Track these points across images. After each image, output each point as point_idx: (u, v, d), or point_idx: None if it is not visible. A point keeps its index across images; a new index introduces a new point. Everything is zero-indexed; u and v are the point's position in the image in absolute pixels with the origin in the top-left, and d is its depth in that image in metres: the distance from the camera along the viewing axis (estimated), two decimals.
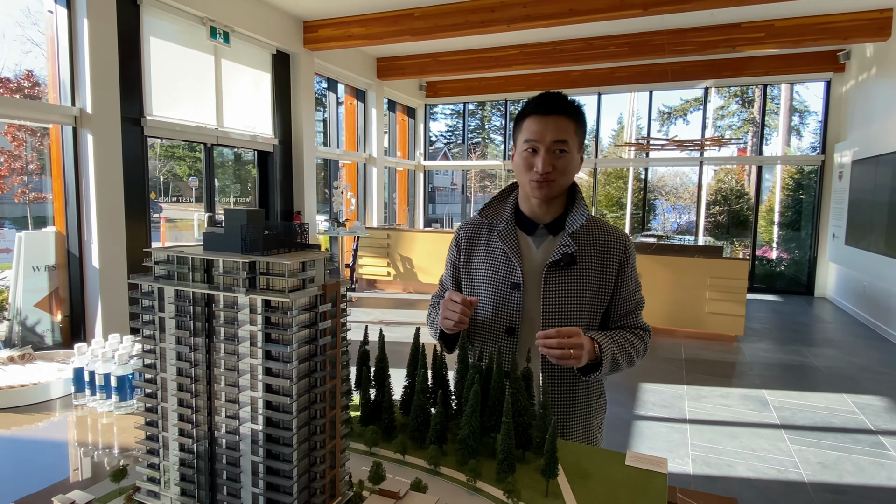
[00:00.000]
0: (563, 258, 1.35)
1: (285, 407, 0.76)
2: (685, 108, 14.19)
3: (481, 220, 1.49)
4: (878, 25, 6.50)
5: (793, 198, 10.66)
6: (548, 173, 1.32)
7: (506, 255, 1.41)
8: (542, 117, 1.32)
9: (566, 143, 1.31)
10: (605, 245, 1.39)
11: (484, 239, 1.47)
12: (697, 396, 4.36)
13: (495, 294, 1.41)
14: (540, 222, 1.43)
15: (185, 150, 8.58)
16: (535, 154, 1.33)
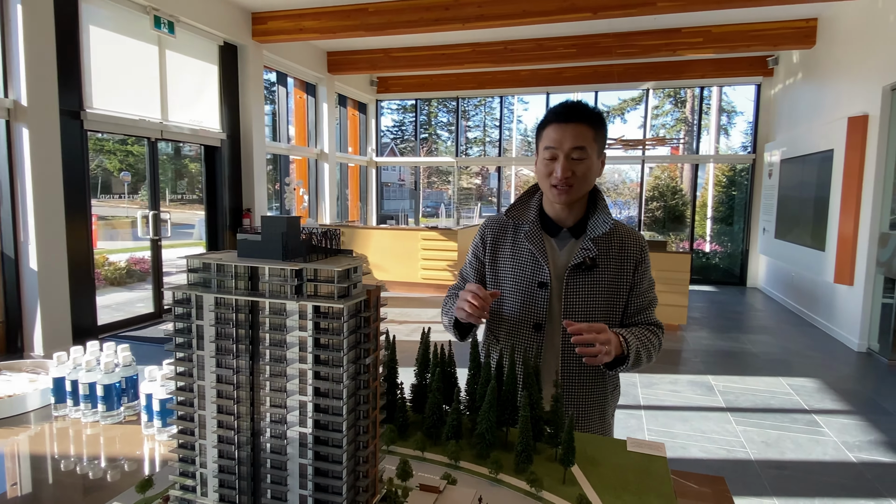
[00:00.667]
0: (584, 262, 1.41)
1: (335, 409, 0.78)
2: (623, 108, 14.80)
3: (507, 220, 1.54)
4: (804, 34, 7.03)
5: (726, 194, 11.35)
6: (567, 178, 1.37)
7: (533, 256, 1.46)
8: (561, 125, 1.37)
9: (584, 149, 1.36)
10: (623, 247, 1.45)
11: (510, 238, 1.52)
12: (649, 384, 4.60)
13: (522, 292, 1.46)
14: (563, 225, 1.48)
15: (116, 144, 8.15)
16: (555, 161, 1.38)
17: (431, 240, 8.12)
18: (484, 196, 19.52)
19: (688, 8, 5.82)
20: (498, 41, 8.14)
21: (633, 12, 5.98)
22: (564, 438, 1.02)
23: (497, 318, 1.52)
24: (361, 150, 10.98)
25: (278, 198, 8.63)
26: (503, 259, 1.51)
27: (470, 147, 17.33)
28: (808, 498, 2.83)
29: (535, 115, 20.78)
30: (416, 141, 12.12)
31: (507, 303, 1.49)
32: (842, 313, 6.00)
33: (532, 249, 1.45)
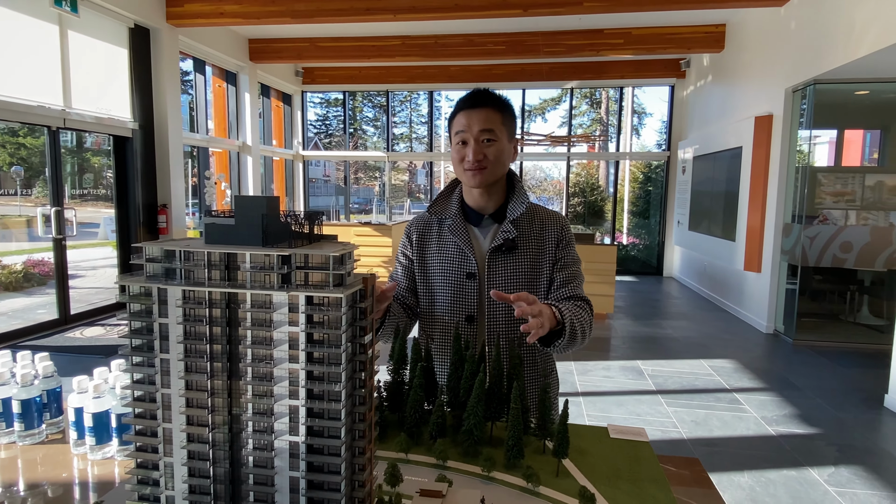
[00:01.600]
0: (504, 244, 1.43)
1: (333, 413, 0.69)
2: (544, 107, 15.27)
3: (430, 216, 1.54)
4: (713, 38, 7.52)
5: (643, 189, 11.99)
6: (479, 161, 1.39)
7: (458, 247, 1.47)
8: (469, 111, 1.40)
9: (493, 132, 1.39)
10: (544, 228, 1.48)
11: (435, 234, 1.53)
12: (584, 371, 4.74)
13: (452, 285, 1.47)
14: (484, 213, 1.50)
15: (6, 136, 7.30)
16: (466, 145, 1.41)
17: (365, 236, 7.95)
18: (413, 192, 19.45)
19: (611, 9, 6.04)
20: (429, 34, 8.08)
21: (560, 11, 6.12)
22: (559, 429, 0.98)
23: (430, 316, 1.52)
24: (287, 144, 10.55)
25: (197, 192, 8.09)
26: (431, 255, 1.52)
27: (396, 143, 17.20)
28: (738, 472, 3.01)
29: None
30: (345, 135, 11.82)
31: (438, 299, 1.49)
32: (751, 298, 6.50)
33: (457, 241, 1.46)
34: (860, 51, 4.45)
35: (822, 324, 6.16)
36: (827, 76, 5.11)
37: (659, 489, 0.98)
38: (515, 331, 1.43)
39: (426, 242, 1.54)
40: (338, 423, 0.69)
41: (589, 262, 6.52)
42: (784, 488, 2.83)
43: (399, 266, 1.59)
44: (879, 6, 4.24)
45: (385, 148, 11.37)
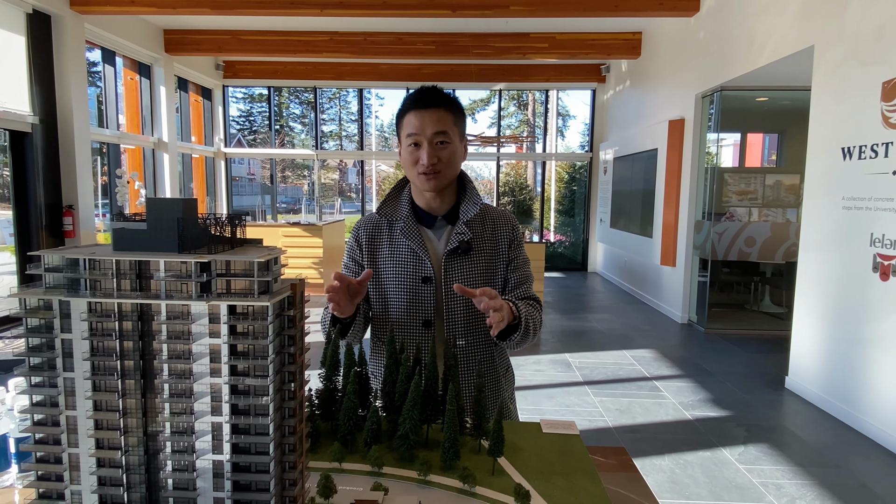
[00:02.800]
0: (459, 246, 1.41)
1: (260, 428, 0.66)
2: (473, 108, 15.51)
3: (380, 218, 1.49)
4: (631, 45, 7.92)
5: (568, 189, 12.45)
6: (434, 164, 1.36)
7: (412, 251, 1.43)
8: (420, 111, 1.36)
9: (447, 133, 1.37)
10: (496, 228, 1.48)
11: (386, 236, 1.48)
12: (517, 365, 4.84)
13: (407, 289, 1.43)
14: (437, 214, 1.47)
15: None
16: (419, 148, 1.37)
17: (294, 236, 7.72)
18: (344, 191, 19.11)
19: (535, 13, 6.22)
20: (358, 31, 7.96)
21: (488, 13, 6.23)
22: (494, 428, 0.99)
23: (383, 320, 1.47)
24: (207, 140, 10.04)
25: (107, 192, 7.53)
26: (382, 259, 1.47)
27: (325, 141, 16.83)
28: (659, 456, 3.19)
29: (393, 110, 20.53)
30: (271, 132, 11.40)
31: (392, 303, 1.44)
32: (667, 291, 6.90)
33: (410, 245, 1.42)
34: (760, 61, 4.83)
35: (730, 313, 6.65)
36: (732, 83, 5.52)
37: (590, 480, 1.01)
38: (473, 333, 1.44)
39: (376, 245, 1.48)
40: (265, 439, 0.66)
41: None
42: (700, 469, 3.03)
43: (346, 271, 1.53)
44: (776, 21, 4.63)
45: (314, 146, 11.09)
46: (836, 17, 3.88)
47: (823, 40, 4.03)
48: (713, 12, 5.75)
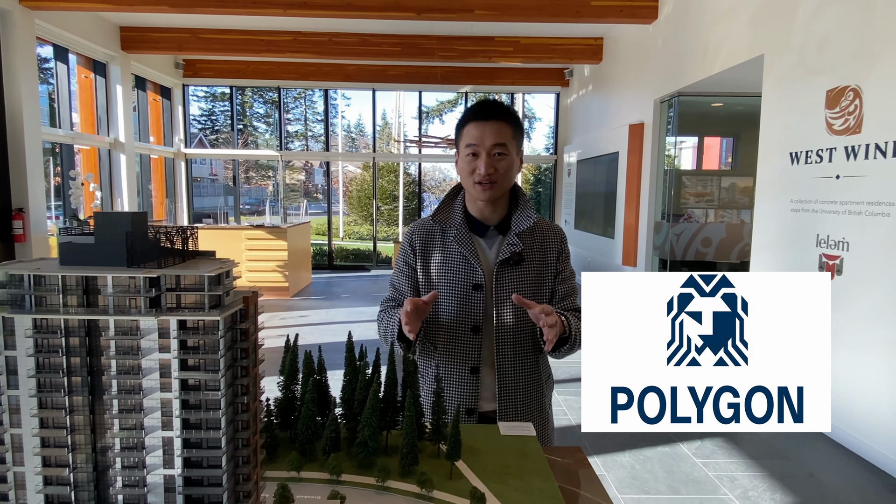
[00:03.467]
0: (511, 256, 1.44)
1: (212, 442, 0.66)
2: (441, 109, 15.57)
3: (433, 223, 1.52)
4: (592, 51, 8.09)
5: (534, 190, 12.61)
6: (490, 174, 1.39)
7: (464, 258, 1.46)
8: (481, 123, 1.40)
9: (505, 146, 1.40)
10: (545, 241, 1.52)
11: (439, 242, 1.51)
12: None
13: (458, 295, 1.46)
14: (489, 224, 1.50)
15: None
16: (477, 158, 1.40)
17: (258, 239, 7.59)
18: (310, 192, 18.88)
19: (498, 18, 6.29)
20: (323, 32, 7.89)
21: (453, 17, 6.27)
22: (451, 432, 1.01)
23: (433, 325, 1.50)
24: (167, 141, 9.77)
25: (61, 194, 7.25)
26: (435, 264, 1.50)
27: (291, 141, 16.59)
28: (620, 452, 3.27)
29: (359, 111, 20.53)
30: (233, 132, 11.18)
31: (442, 308, 1.48)
32: None
33: (463, 252, 1.45)
34: (714, 68, 5.01)
35: None
36: (688, 89, 5.70)
37: (544, 481, 1.04)
38: (521, 341, 1.47)
39: (430, 250, 1.51)
40: (218, 452, 0.66)
41: None
42: (660, 464, 3.12)
43: (401, 275, 1.56)
44: (729, 30, 4.81)
45: (278, 146, 10.93)
46: (784, 27, 4.06)
47: (773, 49, 4.21)
48: (670, 20, 5.93)
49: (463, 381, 1.47)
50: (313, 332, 6.00)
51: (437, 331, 1.49)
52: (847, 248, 3.45)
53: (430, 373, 1.51)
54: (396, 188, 15.57)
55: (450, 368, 1.48)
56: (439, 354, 1.48)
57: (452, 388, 1.48)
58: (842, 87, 3.47)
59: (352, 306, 7.31)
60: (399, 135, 14.73)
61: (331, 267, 10.86)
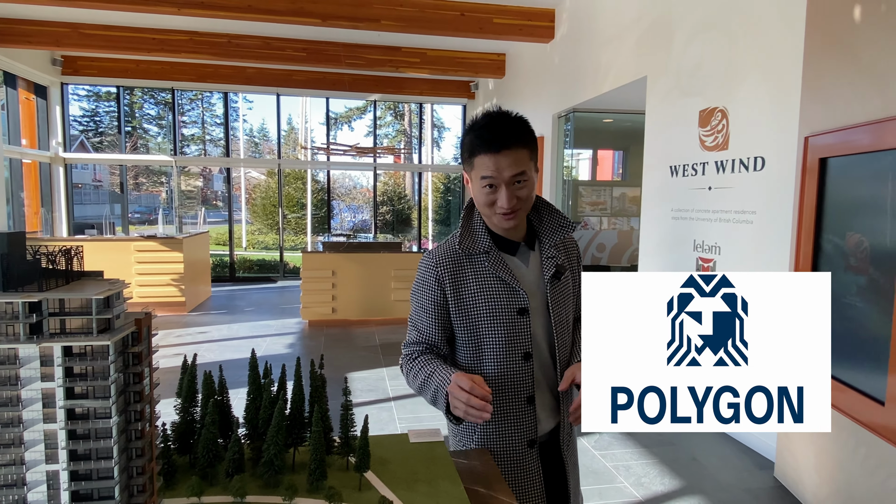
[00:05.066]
0: (558, 269, 1.36)
1: (104, 473, 0.63)
2: (350, 116, 15.42)
3: (460, 251, 1.36)
4: (495, 66, 8.41)
5: (444, 199, 12.84)
6: (513, 206, 1.28)
7: (504, 283, 1.34)
8: (494, 155, 1.26)
9: (524, 173, 1.29)
10: (569, 250, 1.46)
11: (469, 271, 1.36)
12: (395, 375, 4.90)
13: (503, 324, 1.34)
14: (515, 240, 1.40)
15: None
16: (495, 189, 1.28)
17: (150, 251, 7.06)
18: (208, 199, 17.84)
19: (406, 30, 6.39)
20: (221, 33, 7.54)
21: (360, 25, 6.26)
22: (360, 444, 1.03)
23: (479, 357, 1.37)
24: (42, 144, 8.84)
25: None
26: (470, 295, 1.35)
27: (187, 145, 15.61)
28: None
29: (262, 115, 19.74)
30: (121, 134, 10.34)
31: (486, 339, 1.35)
32: None
33: (501, 276, 1.33)
34: (605, 87, 5.41)
35: None
36: (583, 106, 6.10)
37: (451, 483, 1.08)
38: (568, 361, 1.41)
39: (461, 281, 1.36)
40: (110, 483, 0.63)
41: (397, 270, 6.78)
42: None
43: (425, 315, 1.39)
44: (617, 52, 5.22)
45: (172, 151, 10.26)
46: (663, 52, 4.48)
47: (654, 72, 4.63)
48: (566, 41, 6.32)
49: (520, 413, 1.36)
50: (214, 349, 5.68)
51: (485, 362, 1.36)
52: (719, 252, 3.86)
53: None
54: (304, 196, 15.16)
55: (504, 400, 1.35)
56: (491, 385, 1.30)
57: (509, 420, 1.36)
58: (711, 107, 3.89)
59: (256, 320, 7.01)
60: (306, 141, 14.38)
61: (233, 279, 10.34)
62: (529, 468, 1.38)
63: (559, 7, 6.47)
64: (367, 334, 6.36)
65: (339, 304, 6.71)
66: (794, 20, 3.13)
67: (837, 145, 2.63)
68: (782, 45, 3.26)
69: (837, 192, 2.69)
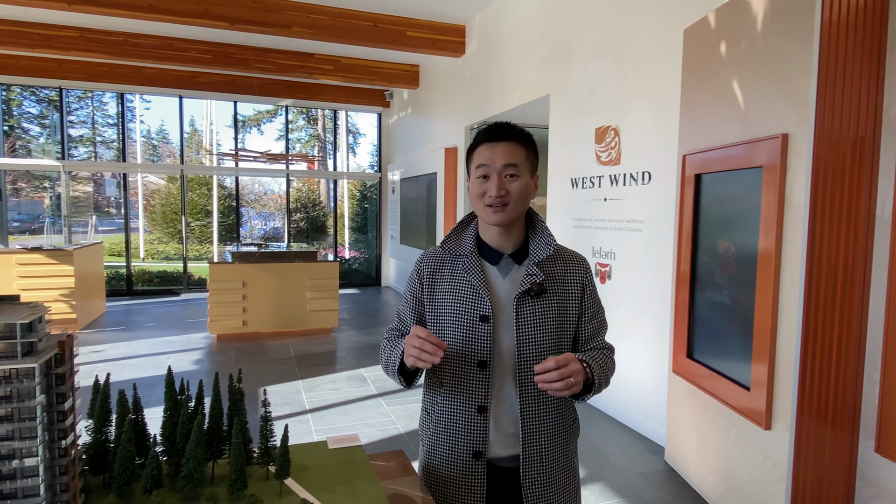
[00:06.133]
0: (532, 287, 1.34)
1: (29, 491, 0.65)
2: (259, 119, 14.93)
3: (443, 252, 1.43)
4: (409, 76, 8.56)
5: (360, 206, 12.77)
6: (502, 196, 1.31)
7: (473, 287, 1.36)
8: (492, 144, 1.33)
9: (517, 166, 1.32)
10: (568, 270, 1.41)
11: (448, 271, 1.41)
12: (312, 387, 4.85)
13: (464, 328, 1.35)
14: (503, 252, 1.40)
15: None
16: (488, 180, 1.33)
17: (35, 265, 6.46)
18: (101, 206, 16.47)
19: (318, 37, 6.37)
20: (117, 31, 7.08)
21: (270, 31, 6.15)
22: (281, 452, 1.08)
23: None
24: None
25: None
26: (442, 294, 1.40)
27: (75, 147, 14.34)
28: None
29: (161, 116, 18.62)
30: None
31: (449, 340, 1.37)
32: None
33: (471, 280, 1.36)
34: (512, 102, 5.71)
35: None
36: (493, 119, 6.38)
37: (369, 484, 1.16)
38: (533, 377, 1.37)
39: (438, 280, 1.41)
40: (37, 500, 0.65)
41: (313, 279, 6.68)
42: None
43: (406, 306, 1.47)
44: (523, 70, 5.53)
45: (59, 153, 9.43)
46: (563, 73, 4.83)
47: (556, 91, 4.97)
48: (476, 56, 6.59)
49: (469, 421, 1.35)
50: (111, 368, 5.31)
51: (443, 366, 1.36)
52: (614, 258, 4.21)
53: (436, 411, 1.41)
54: (209, 202, 14.44)
55: (456, 407, 1.36)
56: (445, 391, 1.37)
57: (459, 428, 1.36)
58: (606, 126, 4.26)
59: (158, 336, 6.61)
60: (212, 145, 13.74)
61: (131, 293, 9.67)
62: (471, 482, 1.36)
63: (469, 24, 6.74)
64: (281, 347, 6.21)
65: (250, 316, 6.50)
66: (672, 52, 3.52)
67: (709, 163, 2.99)
68: (664, 74, 3.65)
69: (710, 203, 3.06)
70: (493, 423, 1.35)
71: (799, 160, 2.27)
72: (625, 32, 4.05)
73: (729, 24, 2.81)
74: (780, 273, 2.38)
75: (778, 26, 2.42)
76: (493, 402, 1.35)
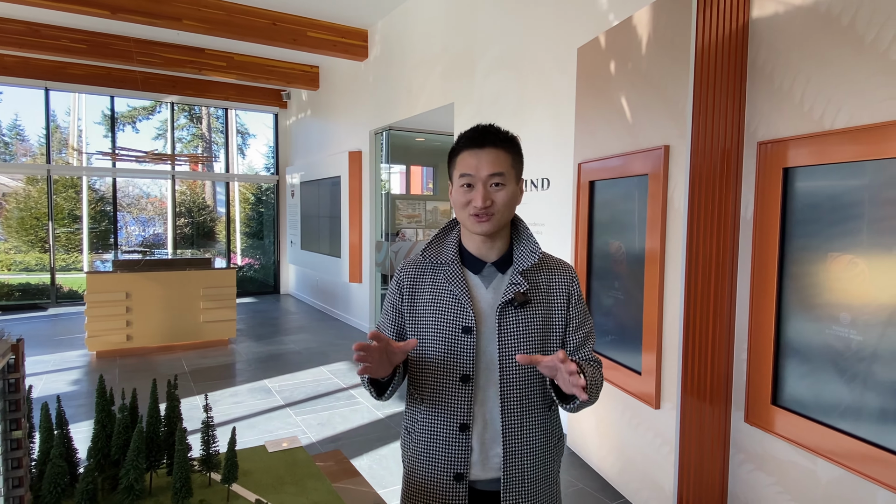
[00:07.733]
0: (515, 298, 1.29)
1: None
2: (134, 115, 13.76)
3: (423, 260, 1.36)
4: (309, 77, 8.38)
5: (255, 210, 12.21)
6: (487, 207, 1.26)
7: (455, 297, 1.30)
8: (476, 151, 1.27)
9: (503, 175, 1.27)
10: (553, 279, 1.36)
11: (429, 281, 1.34)
12: (213, 402, 4.59)
13: (446, 339, 1.29)
14: (486, 260, 1.35)
15: None
16: (472, 189, 1.27)
17: None
18: None
19: (211, 32, 6.06)
20: None
21: (158, 23, 5.75)
22: (228, 456, 1.06)
23: (420, 374, 1.33)
24: None
25: None
26: (423, 304, 1.34)
27: None
28: (359, 457, 3.53)
29: (16, 111, 16.74)
30: None
31: (429, 354, 1.30)
32: (356, 306, 7.53)
33: (453, 291, 1.30)
34: (417, 109, 5.82)
35: None
36: (397, 125, 6.46)
37: (318, 481, 1.18)
38: (528, 395, 1.31)
39: (417, 290, 1.34)
40: None
41: (206, 288, 6.31)
42: (393, 460, 3.49)
43: (385, 318, 1.40)
44: (427, 78, 5.66)
45: None
46: (467, 82, 5.02)
47: (460, 99, 5.15)
48: (380, 61, 6.63)
49: (450, 440, 1.28)
50: None
51: (424, 381, 1.31)
52: None
53: (416, 429, 1.34)
54: (78, 207, 13.02)
55: (436, 425, 1.30)
56: (426, 408, 1.31)
57: (439, 448, 1.29)
58: None
59: (27, 356, 5.87)
60: (80, 143, 12.43)
61: None
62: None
63: (372, 29, 6.76)
64: (171, 361, 5.79)
65: (135, 330, 6.00)
66: (568, 68, 3.82)
67: (600, 171, 3.30)
68: (561, 87, 3.95)
69: (602, 208, 3.37)
70: (475, 442, 1.29)
71: (679, 169, 2.58)
72: (524, 48, 4.31)
73: (617, 45, 3.12)
74: (665, 270, 2.69)
75: (660, 49, 2.74)
76: (476, 420, 1.29)
